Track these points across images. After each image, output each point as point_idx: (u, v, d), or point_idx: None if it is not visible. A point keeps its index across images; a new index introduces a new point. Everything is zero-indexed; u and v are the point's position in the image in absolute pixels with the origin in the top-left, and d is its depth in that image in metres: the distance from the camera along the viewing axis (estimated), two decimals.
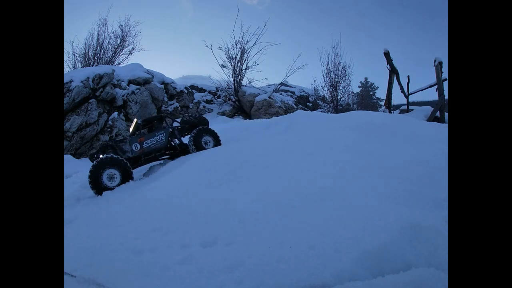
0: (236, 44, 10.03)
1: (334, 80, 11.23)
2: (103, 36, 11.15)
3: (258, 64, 10.51)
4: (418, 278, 1.38)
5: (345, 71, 11.26)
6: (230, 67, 10.22)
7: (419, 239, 1.66)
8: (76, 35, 29.01)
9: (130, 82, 7.47)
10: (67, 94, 6.10)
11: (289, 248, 1.66)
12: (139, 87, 7.51)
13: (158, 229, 2.15)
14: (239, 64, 10.24)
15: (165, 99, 8.57)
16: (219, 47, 10.95)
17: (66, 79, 6.36)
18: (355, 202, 2.13)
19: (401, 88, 8.09)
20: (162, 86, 8.38)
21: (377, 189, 2.34)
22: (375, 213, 1.92)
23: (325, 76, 11.35)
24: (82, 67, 10.45)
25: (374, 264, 1.51)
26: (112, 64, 10.64)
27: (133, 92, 7.30)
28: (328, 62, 11.18)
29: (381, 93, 23.99)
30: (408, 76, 7.93)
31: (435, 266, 1.49)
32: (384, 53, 7.54)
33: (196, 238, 1.94)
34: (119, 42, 11.30)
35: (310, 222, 1.92)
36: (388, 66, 7.81)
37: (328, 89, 11.45)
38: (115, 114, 6.60)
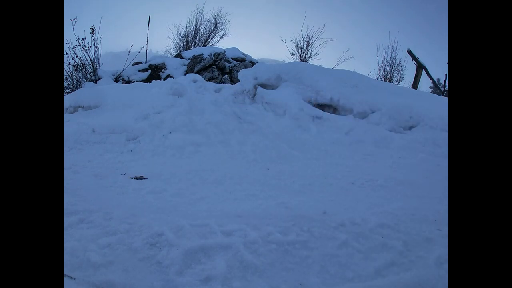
0: (303, 39, 13.09)
1: (389, 73, 12.01)
2: (199, 23, 14.75)
3: (318, 54, 13.47)
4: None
5: (401, 65, 11.88)
6: (298, 54, 13.30)
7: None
8: (181, 21, 33.75)
9: (233, 58, 10.82)
10: (202, 61, 9.65)
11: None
12: (238, 62, 10.84)
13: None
14: (304, 53, 13.25)
15: None
16: (291, 40, 14.08)
17: (198, 53, 9.95)
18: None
19: (433, 82, 9.28)
20: (251, 64, 11.61)
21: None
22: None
23: (380, 68, 12.35)
24: (184, 45, 14.12)
25: None
26: (206, 45, 14.16)
27: (235, 65, 10.65)
28: (384, 57, 12.13)
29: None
30: (446, 74, 8.69)
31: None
32: (408, 51, 8.76)
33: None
34: (212, 28, 14.83)
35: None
36: (414, 62, 8.84)
37: (381, 80, 12.18)
38: (226, 76, 10.08)
